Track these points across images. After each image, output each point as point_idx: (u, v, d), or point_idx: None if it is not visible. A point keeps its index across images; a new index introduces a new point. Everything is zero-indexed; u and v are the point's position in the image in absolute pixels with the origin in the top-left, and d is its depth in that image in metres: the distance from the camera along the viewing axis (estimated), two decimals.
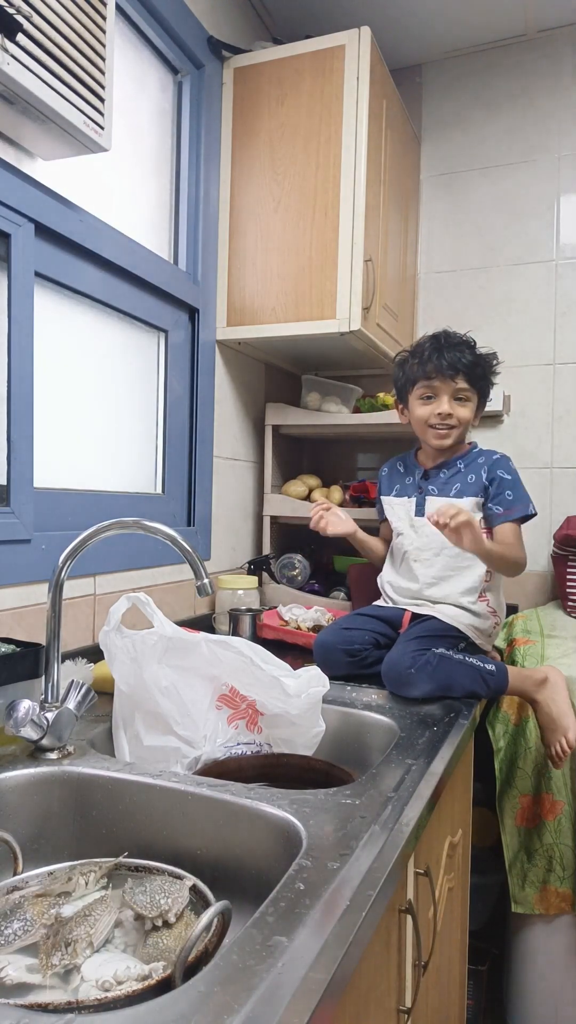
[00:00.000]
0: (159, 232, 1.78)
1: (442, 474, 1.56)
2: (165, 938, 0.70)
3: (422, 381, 1.51)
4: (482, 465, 1.52)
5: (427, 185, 2.33)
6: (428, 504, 1.54)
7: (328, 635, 1.47)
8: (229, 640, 1.10)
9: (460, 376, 1.48)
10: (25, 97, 1.10)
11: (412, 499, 1.58)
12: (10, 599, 1.24)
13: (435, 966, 1.06)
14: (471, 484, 1.51)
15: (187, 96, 1.82)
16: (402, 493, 1.61)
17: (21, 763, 0.94)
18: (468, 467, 1.54)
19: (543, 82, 2.19)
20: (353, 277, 1.75)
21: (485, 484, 1.50)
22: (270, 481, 2.11)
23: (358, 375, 2.31)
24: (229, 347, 1.96)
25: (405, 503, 1.59)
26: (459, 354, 1.48)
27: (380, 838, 0.76)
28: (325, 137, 1.77)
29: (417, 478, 1.59)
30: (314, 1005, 0.50)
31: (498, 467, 1.52)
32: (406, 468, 1.64)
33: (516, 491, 1.50)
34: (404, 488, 1.61)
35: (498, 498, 1.50)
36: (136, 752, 1.04)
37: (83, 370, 1.51)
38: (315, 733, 1.11)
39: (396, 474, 1.65)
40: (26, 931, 0.71)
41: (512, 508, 1.49)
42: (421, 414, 1.52)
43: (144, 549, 1.57)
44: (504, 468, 1.52)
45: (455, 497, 1.52)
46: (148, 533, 1.02)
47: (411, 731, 1.12)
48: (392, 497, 1.63)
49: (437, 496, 1.54)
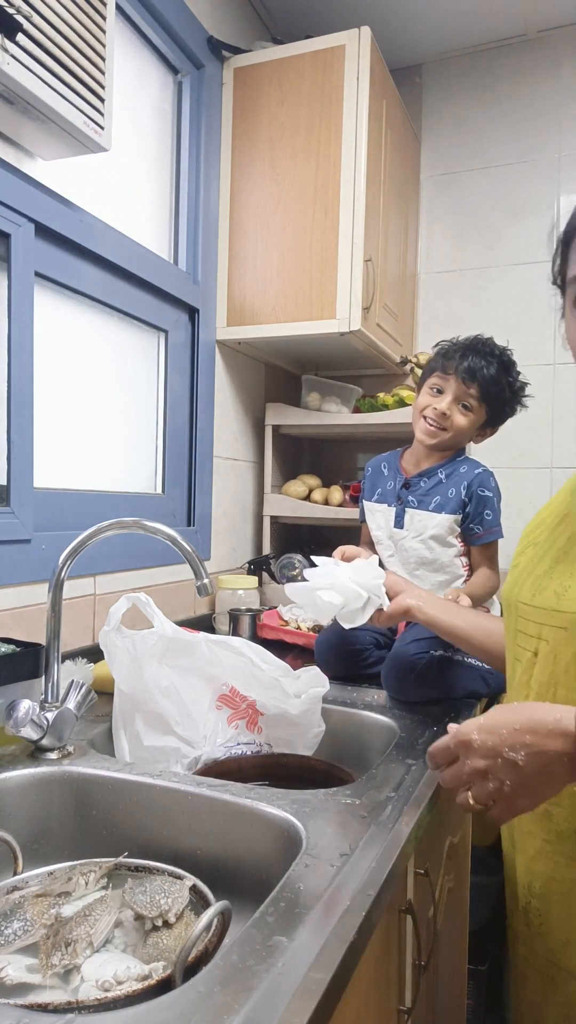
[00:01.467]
0: (159, 232, 1.79)
1: (423, 483, 1.54)
2: (165, 938, 0.70)
3: (438, 372, 1.50)
4: (463, 477, 1.51)
5: (427, 185, 2.33)
6: (407, 517, 1.54)
7: (328, 635, 1.47)
8: (229, 640, 1.10)
9: (474, 384, 1.46)
10: (25, 97, 1.10)
11: (392, 508, 1.57)
12: (10, 599, 1.24)
13: (435, 966, 1.06)
14: (451, 499, 1.50)
15: (187, 96, 1.82)
16: (382, 499, 1.60)
17: (21, 763, 0.94)
18: (449, 478, 1.52)
19: (543, 82, 2.20)
20: (353, 277, 1.75)
21: (464, 501, 1.49)
22: (270, 481, 2.11)
23: (358, 375, 2.31)
24: (229, 347, 1.96)
25: (385, 511, 1.58)
26: (484, 363, 1.46)
27: (380, 838, 0.76)
28: (325, 137, 1.77)
29: (398, 486, 1.57)
30: (314, 1005, 0.50)
31: (478, 483, 1.50)
32: (389, 470, 1.62)
33: (495, 511, 1.50)
34: (384, 494, 1.60)
35: (478, 518, 1.49)
36: (136, 752, 1.04)
37: (83, 370, 1.51)
38: (315, 733, 1.11)
39: (379, 476, 1.63)
40: (26, 931, 0.71)
41: (492, 529, 1.50)
42: (421, 402, 1.51)
43: (144, 549, 1.57)
44: (485, 485, 1.50)
45: (434, 511, 1.51)
46: (148, 533, 1.02)
47: (411, 731, 1.11)
48: (373, 503, 1.61)
49: (416, 508, 1.53)
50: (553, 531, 0.86)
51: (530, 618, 0.81)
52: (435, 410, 1.48)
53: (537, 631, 0.80)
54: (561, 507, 0.88)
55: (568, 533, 0.83)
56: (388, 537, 1.57)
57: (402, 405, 1.99)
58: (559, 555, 0.82)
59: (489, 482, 1.51)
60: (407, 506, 1.54)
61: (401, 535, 1.54)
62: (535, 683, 0.80)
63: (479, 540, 1.50)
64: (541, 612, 0.79)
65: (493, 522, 1.50)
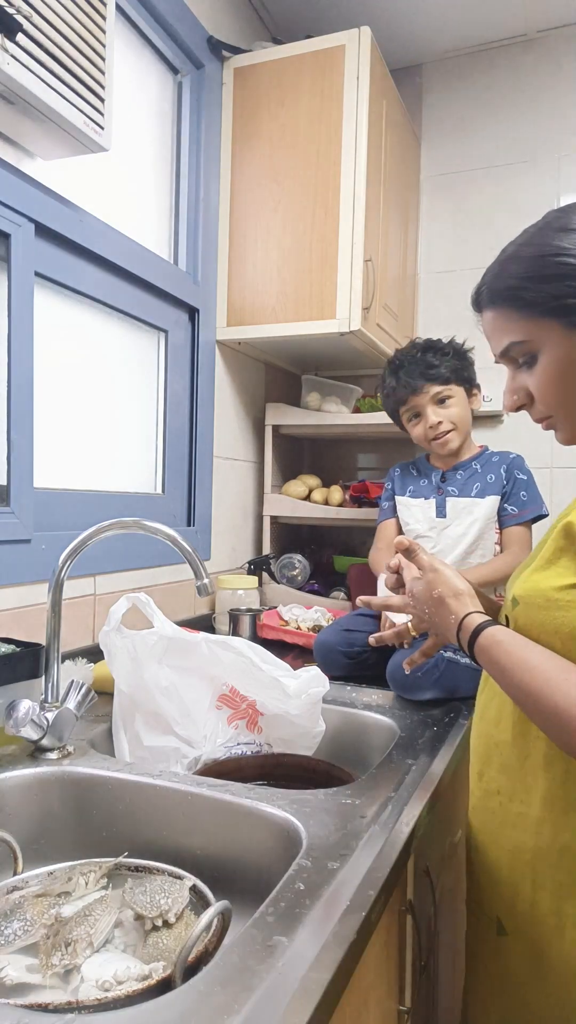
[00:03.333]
0: (159, 232, 1.78)
1: (459, 475, 1.57)
2: (165, 938, 0.70)
3: (401, 407, 1.55)
4: (499, 464, 1.54)
5: (427, 185, 2.32)
6: (449, 505, 1.54)
7: (328, 635, 1.47)
8: (229, 640, 1.10)
9: (428, 384, 1.50)
10: (25, 97, 1.10)
11: (431, 500, 1.58)
12: (10, 599, 1.24)
13: (435, 966, 1.06)
14: (491, 484, 1.53)
15: (187, 96, 1.82)
16: (418, 494, 1.61)
17: (21, 763, 0.94)
18: (485, 467, 1.55)
19: (543, 82, 2.19)
20: (353, 277, 1.75)
21: (504, 483, 1.52)
22: (270, 481, 2.11)
23: (358, 375, 2.30)
24: (229, 347, 1.96)
25: (423, 505, 1.59)
26: (415, 367, 1.50)
27: (380, 838, 0.76)
28: (325, 137, 1.77)
29: (435, 480, 1.59)
30: (314, 1005, 0.50)
31: (515, 467, 1.54)
32: (419, 471, 1.64)
33: (530, 491, 1.53)
34: (420, 490, 1.61)
35: (513, 498, 1.52)
36: (136, 752, 1.04)
37: (83, 370, 1.51)
38: (315, 733, 1.11)
39: (409, 476, 1.65)
40: (26, 931, 0.71)
41: (525, 509, 1.52)
42: (417, 434, 1.55)
43: (144, 549, 1.57)
44: (520, 468, 1.55)
45: (477, 497, 1.53)
46: (148, 533, 1.02)
47: (411, 731, 1.12)
48: (408, 498, 1.62)
49: (458, 496, 1.54)
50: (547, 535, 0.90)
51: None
52: (430, 429, 1.52)
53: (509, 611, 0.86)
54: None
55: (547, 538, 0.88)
56: (430, 529, 1.57)
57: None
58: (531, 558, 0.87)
59: (524, 465, 1.56)
60: (448, 495, 1.55)
61: (445, 523, 1.55)
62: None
63: (512, 521, 1.52)
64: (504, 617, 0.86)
65: (528, 503, 1.52)
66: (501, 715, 0.84)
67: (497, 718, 0.85)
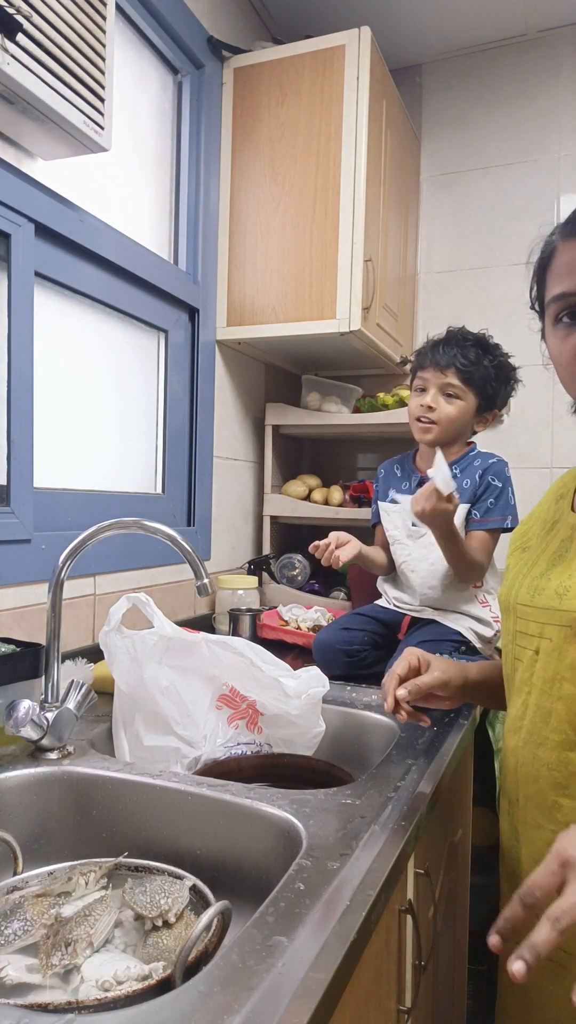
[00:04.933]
0: (159, 232, 1.79)
1: None
2: (165, 938, 0.70)
3: (418, 372, 1.49)
4: (477, 469, 1.49)
5: (427, 185, 2.33)
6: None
7: (327, 635, 1.47)
8: (229, 640, 1.10)
9: (451, 371, 1.43)
10: (25, 97, 1.10)
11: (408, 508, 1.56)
12: (10, 599, 1.24)
13: (435, 966, 1.06)
14: (466, 490, 1.47)
15: (187, 96, 1.82)
16: (398, 497, 1.59)
17: (21, 763, 0.94)
18: (464, 472, 1.50)
19: (543, 82, 2.19)
20: (353, 277, 1.75)
21: (477, 488, 1.47)
22: (270, 481, 2.11)
23: (358, 375, 2.30)
24: (229, 347, 1.96)
25: (401, 512, 1.55)
26: (458, 349, 1.44)
27: (380, 838, 0.76)
28: (325, 137, 1.77)
29: (413, 484, 1.56)
30: (314, 1005, 0.50)
31: (491, 472, 1.48)
32: (403, 471, 1.61)
33: (500, 500, 1.46)
34: (401, 492, 1.59)
35: (480, 504, 1.46)
36: (136, 752, 1.04)
37: (83, 370, 1.51)
38: (315, 733, 1.11)
39: (392, 477, 1.61)
40: (26, 931, 0.70)
41: (488, 517, 1.46)
42: (412, 406, 1.50)
43: (144, 549, 1.57)
44: (496, 474, 1.48)
45: None
46: (148, 533, 1.02)
47: (411, 731, 1.11)
48: (387, 504, 1.59)
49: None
50: (544, 537, 0.90)
51: (530, 618, 0.85)
52: (420, 406, 1.46)
53: (539, 630, 0.83)
54: (548, 514, 0.92)
55: (561, 537, 0.86)
56: (407, 536, 1.53)
57: (402, 405, 1.99)
58: (554, 558, 0.85)
59: (502, 472, 1.48)
60: None
61: (420, 532, 1.50)
62: (537, 679, 0.83)
63: (474, 525, 1.46)
64: (543, 612, 0.82)
65: (493, 511, 1.45)
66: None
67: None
